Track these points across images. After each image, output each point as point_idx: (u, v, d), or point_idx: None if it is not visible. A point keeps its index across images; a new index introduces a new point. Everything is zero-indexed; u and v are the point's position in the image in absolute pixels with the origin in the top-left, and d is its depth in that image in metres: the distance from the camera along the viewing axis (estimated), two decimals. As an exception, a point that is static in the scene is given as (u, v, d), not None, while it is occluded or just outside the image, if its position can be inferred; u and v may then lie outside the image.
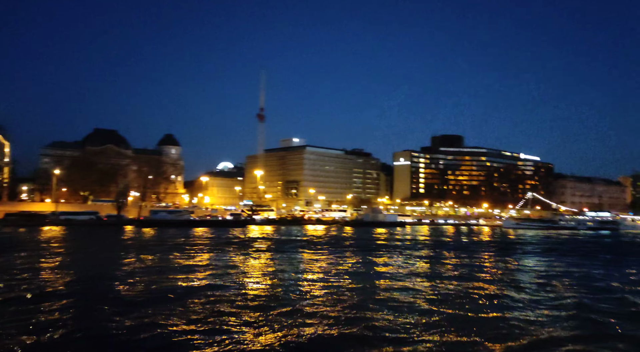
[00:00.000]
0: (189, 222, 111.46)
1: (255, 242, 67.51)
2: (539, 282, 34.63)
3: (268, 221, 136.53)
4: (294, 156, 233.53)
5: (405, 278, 34.64)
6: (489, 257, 53.86)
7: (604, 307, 25.43)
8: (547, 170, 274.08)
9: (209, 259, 44.58)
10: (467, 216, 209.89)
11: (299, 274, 35.45)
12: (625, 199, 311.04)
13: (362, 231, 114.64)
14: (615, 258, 56.53)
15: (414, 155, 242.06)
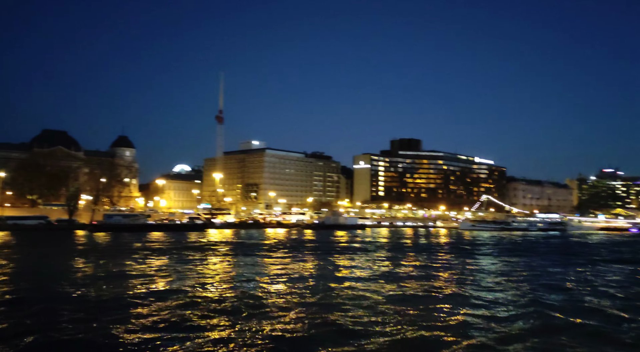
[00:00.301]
0: (145, 226, 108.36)
1: (214, 246, 66.31)
2: (495, 280, 35.68)
3: (228, 224, 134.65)
4: (253, 159, 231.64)
5: (366, 279, 34.92)
6: (447, 258, 55.05)
7: (556, 303, 26.48)
8: (500, 174, 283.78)
9: (167, 263, 43.37)
10: (425, 218, 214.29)
11: (259, 277, 35.00)
12: (572, 201, 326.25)
13: (323, 233, 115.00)
14: (564, 257, 59.05)
15: (373, 158, 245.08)
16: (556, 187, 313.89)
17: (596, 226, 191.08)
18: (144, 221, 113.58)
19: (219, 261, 47.18)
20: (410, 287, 31.55)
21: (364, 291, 29.46)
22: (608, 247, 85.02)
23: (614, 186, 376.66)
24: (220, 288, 29.68)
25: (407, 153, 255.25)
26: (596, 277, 39.04)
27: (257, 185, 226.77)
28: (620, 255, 64.59)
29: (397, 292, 29.34)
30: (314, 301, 25.58)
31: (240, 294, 27.42)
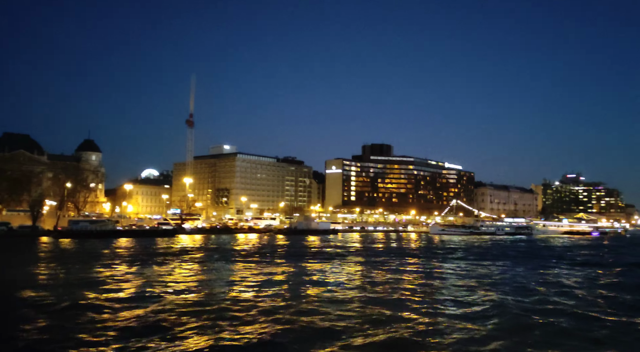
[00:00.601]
0: (113, 232, 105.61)
1: (184, 252, 65.17)
2: (464, 283, 36.31)
3: (198, 230, 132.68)
4: (224, 164, 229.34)
5: (338, 284, 35.00)
6: (418, 261, 55.69)
7: (524, 304, 27.13)
8: (468, 179, 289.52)
9: (134, 270, 42.37)
10: (396, 222, 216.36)
11: (230, 283, 34.57)
12: (537, 205, 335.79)
13: (295, 239, 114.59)
14: (531, 261, 60.58)
15: (345, 163, 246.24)
16: (522, 192, 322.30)
17: (560, 230, 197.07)
18: (112, 226, 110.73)
19: (189, 267, 46.34)
20: (383, 290, 31.79)
21: (337, 294, 29.53)
22: (572, 250, 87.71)
23: (577, 191, 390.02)
24: (188, 294, 29.10)
25: (379, 158, 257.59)
26: (562, 279, 40.20)
27: (228, 190, 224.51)
28: (583, 258, 66.72)
29: (370, 295, 29.50)
30: (285, 305, 25.46)
31: (210, 300, 26.98)
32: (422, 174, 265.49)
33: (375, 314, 23.43)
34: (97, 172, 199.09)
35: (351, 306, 25.75)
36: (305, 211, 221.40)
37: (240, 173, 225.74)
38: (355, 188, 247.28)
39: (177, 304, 25.54)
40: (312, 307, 24.97)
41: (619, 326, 21.98)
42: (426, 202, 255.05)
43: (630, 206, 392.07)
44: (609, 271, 48.41)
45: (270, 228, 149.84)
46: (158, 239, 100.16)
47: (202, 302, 26.32)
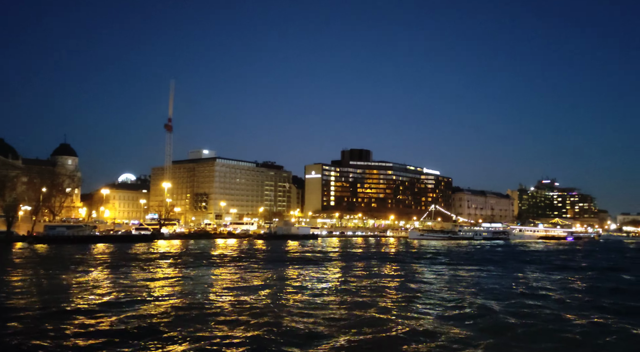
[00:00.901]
0: (90, 237, 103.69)
1: (163, 257, 64.48)
2: (445, 287, 36.91)
3: (177, 235, 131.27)
4: (203, 168, 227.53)
5: (318, 287, 35.28)
6: (397, 266, 56.26)
7: (504, 307, 27.77)
8: (446, 184, 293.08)
9: (111, 275, 41.78)
10: (375, 227, 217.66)
11: (209, 288, 34.39)
12: (513, 210, 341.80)
13: (275, 244, 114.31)
14: (508, 265, 61.78)
15: (325, 168, 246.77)
16: (498, 197, 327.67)
17: (536, 235, 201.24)
18: (90, 232, 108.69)
19: (167, 272, 45.91)
20: (364, 294, 32.12)
21: (317, 299, 29.74)
22: (548, 255, 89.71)
23: (552, 196, 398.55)
24: (167, 300, 28.83)
25: (358, 163, 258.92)
26: (539, 283, 41.18)
27: (207, 195, 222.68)
28: (559, 263, 68.37)
29: (351, 299, 29.78)
30: (266, 310, 25.58)
31: (189, 305, 26.78)
32: (400, 179, 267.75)
33: (357, 317, 23.74)
34: (73, 177, 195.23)
35: (332, 309, 26.03)
36: (285, 215, 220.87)
37: (219, 178, 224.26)
38: (335, 193, 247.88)
39: (156, 310, 25.36)
40: (292, 311, 25.15)
41: (592, 327, 22.73)
42: (405, 207, 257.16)
43: (603, 211, 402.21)
44: (584, 275, 49.77)
45: (249, 233, 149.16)
46: (136, 244, 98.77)
47: (181, 307, 26.21)
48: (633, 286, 40.96)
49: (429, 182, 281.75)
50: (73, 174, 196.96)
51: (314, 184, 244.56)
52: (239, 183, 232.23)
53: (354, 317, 23.95)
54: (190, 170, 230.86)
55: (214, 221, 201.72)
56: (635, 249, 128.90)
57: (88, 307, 25.80)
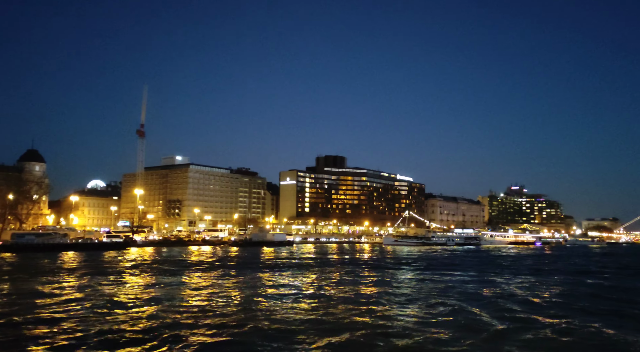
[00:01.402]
0: (61, 246, 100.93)
1: (135, 266, 63.48)
2: (417, 291, 37.69)
3: (150, 242, 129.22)
4: (177, 175, 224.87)
5: (294, 293, 35.66)
6: (372, 273, 56.96)
7: (477, 310, 28.67)
8: (419, 190, 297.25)
9: (81, 284, 40.94)
10: (349, 233, 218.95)
11: (182, 296, 34.00)
12: (484, 216, 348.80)
13: (250, 250, 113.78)
14: (481, 269, 63.33)
15: (299, 174, 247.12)
16: (470, 204, 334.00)
17: (506, 240, 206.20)
18: (60, 240, 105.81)
19: (139, 280, 45.25)
20: (339, 299, 32.59)
21: (293, 303, 30.06)
22: (518, 259, 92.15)
23: (520, 202, 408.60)
24: (137, 309, 28.24)
25: (332, 170, 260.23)
26: (510, 286, 42.46)
27: (181, 201, 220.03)
28: (529, 267, 70.40)
29: (326, 303, 30.19)
30: (241, 316, 25.67)
31: (159, 314, 26.38)
32: (374, 186, 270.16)
33: (333, 320, 24.29)
34: (41, 183, 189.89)
35: (309, 314, 26.44)
36: (260, 222, 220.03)
37: (192, 184, 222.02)
38: (310, 199, 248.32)
39: (121, 318, 25.11)
40: (269, 317, 25.42)
41: (560, 328, 23.75)
42: (379, 213, 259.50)
43: (569, 217, 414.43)
44: (552, 278, 51.48)
45: (224, 240, 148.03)
46: (108, 252, 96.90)
47: (155, 315, 26.04)
48: (603, 289, 42.61)
49: (402, 188, 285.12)
50: (41, 180, 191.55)
51: (289, 190, 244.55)
52: (213, 190, 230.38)
53: (331, 320, 24.44)
54: (163, 176, 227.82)
55: (187, 227, 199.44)
56: (600, 253, 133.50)
57: (54, 316, 25.37)
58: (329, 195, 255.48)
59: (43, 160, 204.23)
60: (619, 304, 32.57)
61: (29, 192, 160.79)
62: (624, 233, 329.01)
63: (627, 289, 42.12)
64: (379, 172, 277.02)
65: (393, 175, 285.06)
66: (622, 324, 25.16)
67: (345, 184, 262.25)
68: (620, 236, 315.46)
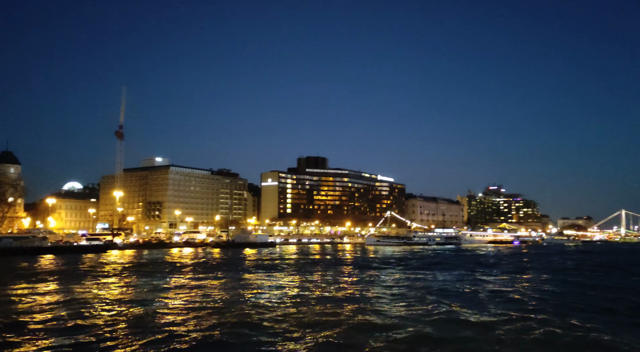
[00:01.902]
0: (40, 249, 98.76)
1: (116, 268, 62.80)
2: (400, 289, 38.41)
3: (131, 245, 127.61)
4: (157, 176, 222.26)
5: (279, 293, 36.14)
6: (357, 271, 57.63)
7: (458, 304, 29.51)
8: (400, 191, 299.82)
9: (60, 287, 40.32)
10: (331, 234, 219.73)
11: (163, 299, 33.62)
12: (463, 216, 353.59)
13: (233, 252, 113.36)
14: (467, 268, 64.68)
15: (281, 176, 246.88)
16: (449, 203, 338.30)
17: (486, 239, 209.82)
18: (39, 243, 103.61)
19: (120, 283, 44.82)
20: (325, 297, 33.06)
21: (279, 302, 30.42)
22: (498, 258, 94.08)
23: (498, 202, 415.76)
24: (118, 313, 27.84)
25: (314, 171, 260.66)
26: (487, 284, 43.55)
27: (161, 203, 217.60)
28: (509, 265, 72.10)
29: (312, 302, 30.64)
30: (223, 318, 25.82)
31: (138, 317, 26.24)
32: (356, 187, 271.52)
33: (317, 317, 24.84)
34: (16, 186, 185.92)
35: (293, 312, 26.94)
36: (242, 223, 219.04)
37: (173, 186, 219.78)
38: (292, 200, 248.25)
39: (99, 321, 25.12)
40: (251, 316, 25.80)
41: (543, 323, 24.65)
42: (360, 214, 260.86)
43: (545, 216, 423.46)
44: (539, 276, 52.90)
45: (205, 242, 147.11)
46: (89, 255, 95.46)
47: (137, 317, 26.04)
48: (583, 287, 44.01)
49: (383, 189, 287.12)
50: (16, 183, 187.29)
51: (271, 191, 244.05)
52: (194, 191, 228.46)
53: (316, 319, 24.94)
54: (142, 178, 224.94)
55: (168, 229, 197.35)
56: (575, 251, 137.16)
57: (34, 319, 25.24)
58: (311, 196, 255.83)
59: (18, 162, 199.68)
60: (596, 300, 33.87)
61: (4, 195, 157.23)
62: (598, 231, 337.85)
63: (608, 287, 43.69)
64: (360, 173, 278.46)
65: (374, 176, 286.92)
66: (599, 318, 26.28)
67: (326, 184, 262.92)
68: (594, 234, 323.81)
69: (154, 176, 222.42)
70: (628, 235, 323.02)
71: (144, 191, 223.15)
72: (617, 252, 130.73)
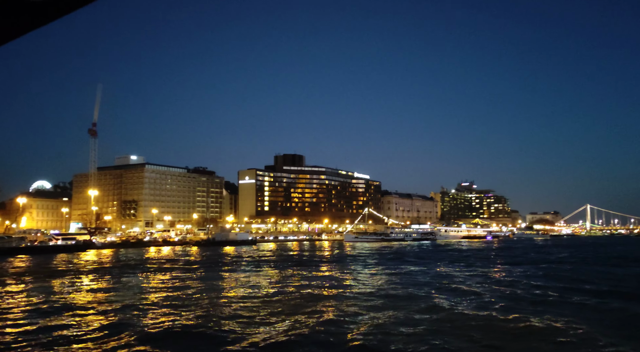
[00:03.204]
0: (17, 249, 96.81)
1: (96, 268, 62.69)
2: (380, 283, 40.31)
3: (110, 244, 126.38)
4: (132, 175, 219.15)
5: (255, 288, 37.61)
6: (330, 266, 59.28)
7: (436, 294, 31.48)
8: (375, 188, 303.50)
9: (34, 288, 40.03)
10: (309, 231, 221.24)
11: (141, 299, 33.25)
12: (437, 212, 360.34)
13: (213, 250, 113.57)
14: (435, 261, 67.39)
15: (258, 173, 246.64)
16: (423, 200, 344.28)
17: (460, 234, 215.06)
18: (16, 243, 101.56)
19: (101, 282, 45.06)
20: (294, 289, 34.69)
21: (260, 296, 31.75)
22: (471, 252, 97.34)
23: (470, 198, 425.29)
24: (96, 314, 27.57)
25: (291, 168, 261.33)
26: (461, 277, 45.90)
27: (136, 202, 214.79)
28: (484, 258, 75.22)
29: (295, 296, 32.11)
30: (204, 313, 26.57)
31: (116, 316, 26.24)
32: (333, 184, 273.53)
33: (300, 312, 26.13)
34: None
35: (275, 307, 28.22)
36: (219, 222, 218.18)
37: (148, 184, 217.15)
38: (269, 198, 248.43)
39: (95, 318, 25.81)
40: (235, 311, 26.79)
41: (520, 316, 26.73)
42: (337, 211, 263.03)
43: (515, 211, 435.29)
44: (503, 268, 55.65)
45: (186, 240, 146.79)
46: (67, 254, 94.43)
47: (104, 320, 25.77)
48: (560, 278, 46.75)
49: (359, 186, 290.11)
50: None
51: (248, 189, 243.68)
52: (170, 189, 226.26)
53: (299, 312, 26.15)
54: (117, 176, 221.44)
55: (144, 228, 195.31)
56: (544, 245, 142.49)
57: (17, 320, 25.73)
58: (288, 193, 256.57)
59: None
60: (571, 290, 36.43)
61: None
62: (565, 226, 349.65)
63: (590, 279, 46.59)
64: (337, 170, 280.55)
65: (350, 173, 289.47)
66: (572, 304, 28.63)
67: (303, 182, 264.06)
68: (562, 229, 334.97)
69: (129, 175, 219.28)
70: (593, 229, 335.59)
71: (119, 190, 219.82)
72: (586, 245, 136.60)
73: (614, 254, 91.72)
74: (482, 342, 19.63)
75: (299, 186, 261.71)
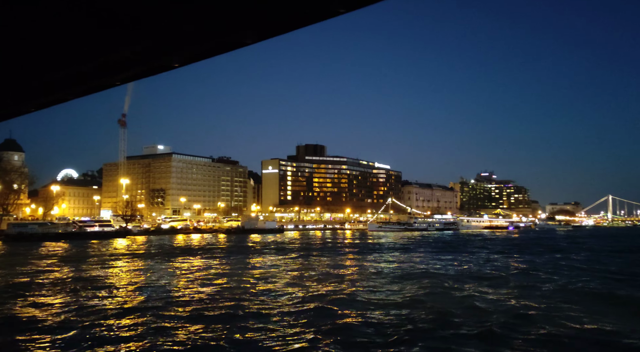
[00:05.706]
0: (63, 235, 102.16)
1: (145, 252, 66.90)
2: (397, 268, 43.39)
3: (145, 231, 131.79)
4: (159, 164, 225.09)
5: (281, 274, 39.71)
6: (355, 255, 62.09)
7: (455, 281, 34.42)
8: (396, 178, 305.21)
9: (68, 272, 41.78)
10: (331, 221, 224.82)
11: (179, 281, 35.33)
12: (457, 202, 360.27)
13: (243, 238, 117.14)
14: (460, 251, 69.94)
15: (281, 163, 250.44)
16: (443, 190, 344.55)
17: (482, 225, 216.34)
18: (58, 229, 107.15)
19: (159, 263, 49.55)
20: (323, 273, 37.77)
21: (274, 283, 33.61)
22: (498, 242, 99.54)
23: (490, 188, 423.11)
24: (134, 295, 29.28)
25: (313, 158, 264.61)
26: (499, 265, 48.73)
27: (164, 190, 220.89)
28: (512, 248, 77.59)
29: (311, 282, 34.20)
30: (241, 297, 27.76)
31: (151, 298, 27.60)
32: (354, 174, 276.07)
33: (313, 298, 27.20)
34: (21, 173, 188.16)
35: (294, 289, 30.37)
36: (243, 210, 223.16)
37: (175, 173, 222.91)
38: (292, 188, 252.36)
39: (121, 303, 28.04)
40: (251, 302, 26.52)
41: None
42: (358, 201, 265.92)
43: (535, 201, 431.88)
44: (531, 256, 58.17)
45: (215, 228, 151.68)
46: (110, 240, 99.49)
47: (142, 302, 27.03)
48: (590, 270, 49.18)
49: (380, 176, 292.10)
50: (20, 170, 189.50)
51: (271, 179, 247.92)
52: (196, 178, 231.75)
53: (314, 298, 27.13)
54: (145, 166, 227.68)
55: (171, 216, 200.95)
56: (567, 236, 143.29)
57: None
58: (310, 183, 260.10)
59: (22, 150, 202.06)
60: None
61: (10, 182, 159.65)
62: (585, 216, 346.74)
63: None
64: (358, 160, 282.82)
65: (371, 163, 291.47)
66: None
67: (325, 172, 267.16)
68: (583, 219, 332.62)
69: (156, 164, 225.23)
70: (615, 220, 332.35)
71: (147, 178, 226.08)
72: (617, 236, 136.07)
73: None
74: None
75: (320, 175, 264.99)
